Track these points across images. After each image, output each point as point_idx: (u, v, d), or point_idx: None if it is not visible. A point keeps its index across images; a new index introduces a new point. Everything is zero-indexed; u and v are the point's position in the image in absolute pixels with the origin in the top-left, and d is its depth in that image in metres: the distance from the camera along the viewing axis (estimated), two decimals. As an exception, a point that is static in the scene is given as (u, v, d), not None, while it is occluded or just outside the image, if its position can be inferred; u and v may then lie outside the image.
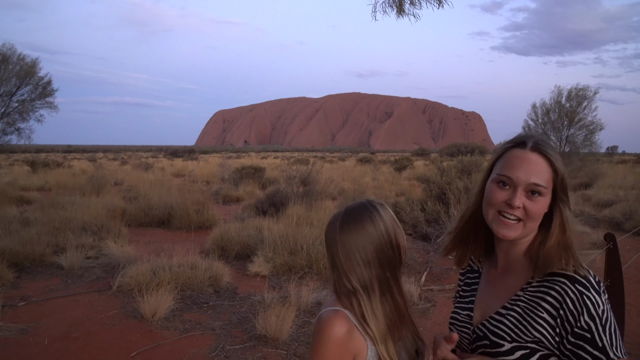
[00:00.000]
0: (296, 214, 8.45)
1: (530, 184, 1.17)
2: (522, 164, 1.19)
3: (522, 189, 1.18)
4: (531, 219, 1.18)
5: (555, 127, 20.99)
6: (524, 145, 1.22)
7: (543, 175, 1.18)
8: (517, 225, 1.18)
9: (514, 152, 1.23)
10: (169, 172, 26.83)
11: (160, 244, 8.36)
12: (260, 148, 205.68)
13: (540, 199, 1.18)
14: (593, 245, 8.00)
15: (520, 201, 1.17)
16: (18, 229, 8.25)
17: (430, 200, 9.82)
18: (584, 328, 1.08)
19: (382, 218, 1.33)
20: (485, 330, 1.22)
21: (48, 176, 21.97)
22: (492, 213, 1.22)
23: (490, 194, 1.22)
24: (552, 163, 1.20)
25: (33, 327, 4.77)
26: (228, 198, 16.13)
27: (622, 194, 14.95)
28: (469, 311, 1.32)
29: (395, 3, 4.98)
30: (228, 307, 5.49)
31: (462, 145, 36.44)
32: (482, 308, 1.29)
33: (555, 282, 1.13)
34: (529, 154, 1.20)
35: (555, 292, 1.12)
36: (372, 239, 1.30)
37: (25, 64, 15.18)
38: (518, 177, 1.18)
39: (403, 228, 1.41)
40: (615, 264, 4.25)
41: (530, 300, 1.16)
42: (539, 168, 1.18)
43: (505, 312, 1.20)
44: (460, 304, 1.38)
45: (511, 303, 1.20)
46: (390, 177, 23.95)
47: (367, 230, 1.30)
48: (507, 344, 1.16)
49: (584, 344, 1.08)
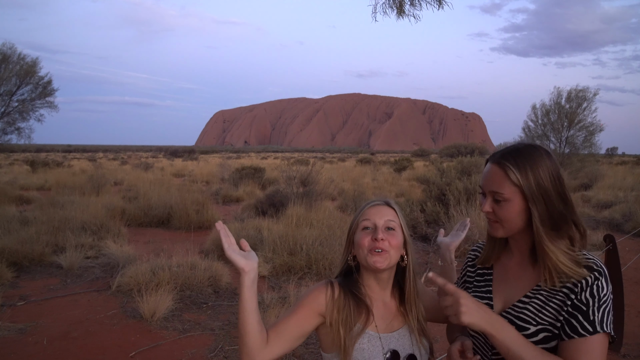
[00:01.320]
0: (296, 214, 8.45)
1: (491, 192, 1.35)
2: (486, 176, 1.37)
3: (489, 197, 1.36)
4: (504, 220, 1.34)
5: (555, 128, 21.01)
6: (490, 159, 1.40)
7: (501, 184, 1.32)
8: (496, 226, 1.36)
9: (485, 167, 1.42)
10: (168, 172, 26.82)
11: (160, 244, 8.36)
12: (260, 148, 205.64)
13: (504, 204, 1.32)
14: (593, 247, 8.00)
15: (489, 206, 1.35)
16: (17, 228, 8.24)
17: (430, 201, 9.82)
18: (582, 302, 1.23)
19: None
20: (510, 316, 1.33)
21: (48, 176, 21.97)
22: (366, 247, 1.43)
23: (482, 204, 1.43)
24: (507, 174, 1.32)
25: (32, 327, 4.76)
26: (228, 198, 16.12)
27: (621, 195, 14.95)
28: (488, 300, 1.42)
29: (395, 4, 4.98)
30: (227, 308, 5.48)
31: (462, 146, 36.47)
32: (504, 297, 1.40)
33: (575, 271, 1.27)
34: (490, 167, 1.37)
35: (574, 279, 1.26)
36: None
37: (25, 63, 15.19)
38: (485, 187, 1.37)
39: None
40: (615, 265, 4.25)
41: (552, 288, 1.29)
42: (496, 178, 1.34)
43: (528, 300, 1.32)
44: (477, 293, 1.47)
45: (533, 293, 1.33)
46: (390, 178, 23.94)
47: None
48: (533, 327, 1.28)
49: (577, 314, 1.23)
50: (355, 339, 1.39)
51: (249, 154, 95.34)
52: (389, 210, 1.47)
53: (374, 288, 1.48)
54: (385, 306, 1.49)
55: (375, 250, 1.40)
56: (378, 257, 1.40)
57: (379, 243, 1.39)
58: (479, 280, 1.51)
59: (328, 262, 6.73)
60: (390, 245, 1.41)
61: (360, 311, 1.42)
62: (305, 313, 1.42)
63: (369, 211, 1.47)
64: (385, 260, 1.40)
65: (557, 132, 20.97)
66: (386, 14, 5.04)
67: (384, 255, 1.40)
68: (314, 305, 1.42)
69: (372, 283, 1.48)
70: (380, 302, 1.48)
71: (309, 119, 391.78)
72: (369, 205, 1.48)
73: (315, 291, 1.45)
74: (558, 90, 21.21)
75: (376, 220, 1.44)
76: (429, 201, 9.84)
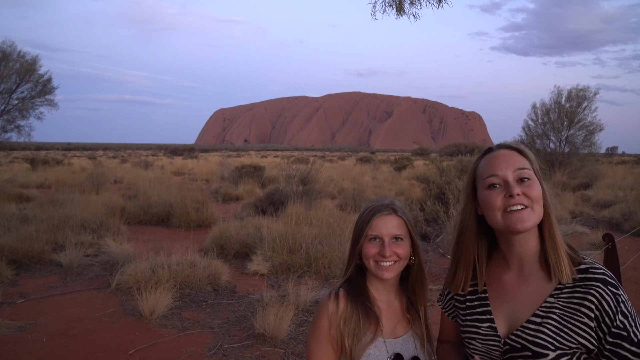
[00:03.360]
0: (295, 213, 8.45)
1: (515, 170, 1.25)
2: (498, 160, 1.28)
3: (512, 179, 1.24)
4: (534, 201, 1.22)
5: (555, 128, 20.99)
6: (491, 149, 1.33)
7: (522, 161, 1.27)
8: (527, 212, 1.21)
9: (486, 156, 1.33)
10: (168, 171, 26.83)
11: (159, 242, 8.36)
12: (260, 147, 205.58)
13: (530, 182, 1.24)
14: (592, 246, 8.01)
15: (517, 189, 1.22)
16: (17, 226, 8.25)
17: (430, 200, 9.82)
18: (619, 327, 1.14)
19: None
20: (522, 341, 1.22)
21: (47, 174, 21.98)
22: (500, 215, 1.25)
23: (488, 200, 1.26)
24: (521, 151, 1.29)
25: (32, 325, 4.77)
26: (227, 197, 16.13)
27: (621, 194, 14.95)
28: (490, 322, 1.30)
29: (394, 2, 4.97)
30: (226, 306, 5.49)
31: (462, 145, 36.50)
32: (507, 318, 1.28)
33: (590, 286, 1.17)
34: (499, 152, 1.30)
35: (592, 297, 1.16)
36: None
37: (25, 61, 15.19)
38: (503, 170, 1.26)
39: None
40: (614, 265, 4.25)
41: (566, 306, 1.19)
42: (514, 158, 1.27)
43: (541, 320, 1.21)
44: (474, 316, 1.34)
45: (544, 311, 1.21)
46: (390, 177, 23.95)
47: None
48: (552, 353, 1.17)
49: (621, 342, 1.14)
50: (364, 349, 1.39)
51: (248, 152, 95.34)
52: (396, 221, 1.44)
53: (380, 290, 1.49)
54: (389, 307, 1.49)
55: (383, 263, 1.40)
56: (385, 270, 1.41)
57: (387, 259, 1.39)
58: (472, 300, 1.37)
59: (327, 260, 6.73)
60: (398, 257, 1.41)
61: (369, 321, 1.42)
62: (325, 351, 1.42)
63: (376, 223, 1.43)
64: (392, 272, 1.41)
65: (557, 132, 20.95)
66: (386, 12, 5.03)
67: (392, 267, 1.41)
68: (325, 342, 1.42)
69: (379, 286, 1.49)
70: (385, 304, 1.48)
71: (309, 118, 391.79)
72: (377, 216, 1.43)
73: (318, 324, 1.44)
74: (558, 90, 21.20)
75: (383, 233, 1.42)
76: (429, 200, 9.84)
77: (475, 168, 1.35)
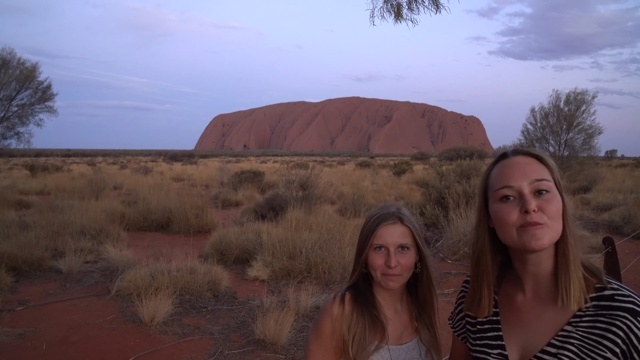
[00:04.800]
0: (295, 218, 8.45)
1: (533, 182, 1.10)
2: (513, 170, 1.13)
3: (528, 191, 1.10)
4: (552, 217, 1.08)
5: (554, 131, 21.01)
6: (506, 155, 1.17)
7: (540, 171, 1.12)
8: (543, 229, 1.07)
9: (499, 164, 1.17)
10: (168, 176, 26.81)
11: (159, 248, 8.35)
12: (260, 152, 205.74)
13: (549, 196, 1.09)
14: (592, 249, 7.99)
15: (534, 203, 1.07)
16: (17, 232, 8.24)
17: (429, 205, 9.83)
18: None
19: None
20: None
21: (47, 180, 21.97)
22: (514, 232, 1.10)
23: (502, 215, 1.12)
24: (540, 158, 1.14)
25: (31, 332, 4.76)
26: (227, 202, 16.12)
27: (621, 197, 14.97)
28: (501, 349, 1.17)
29: (393, 8, 5.00)
30: (227, 312, 5.47)
31: (461, 149, 36.55)
32: (520, 345, 1.15)
33: (615, 317, 1.03)
34: (514, 159, 1.15)
35: (617, 329, 1.02)
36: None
37: (25, 68, 15.22)
38: (518, 181, 1.11)
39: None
40: (614, 268, 4.24)
41: (586, 337, 1.05)
42: (531, 166, 1.12)
43: (556, 351, 1.07)
44: (484, 340, 1.22)
45: (561, 340, 1.08)
46: (390, 181, 23.95)
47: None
48: None
49: None
50: (368, 357, 1.38)
51: (248, 157, 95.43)
52: (402, 229, 1.43)
53: (386, 298, 1.48)
54: (396, 314, 1.48)
55: (388, 274, 1.40)
56: (390, 280, 1.40)
57: (392, 270, 1.39)
58: (483, 323, 1.24)
59: (327, 265, 6.72)
60: (402, 268, 1.40)
61: (375, 330, 1.41)
62: (323, 353, 1.43)
63: (382, 232, 1.42)
64: (397, 282, 1.41)
65: (556, 135, 20.97)
66: (384, 18, 5.06)
67: (397, 278, 1.41)
68: (325, 344, 1.43)
69: (385, 294, 1.48)
70: (392, 311, 1.48)
71: (308, 123, 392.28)
72: (382, 225, 1.42)
73: (321, 325, 1.45)
74: (557, 93, 21.22)
75: (389, 242, 1.41)
76: (428, 204, 9.85)
77: (487, 177, 1.20)
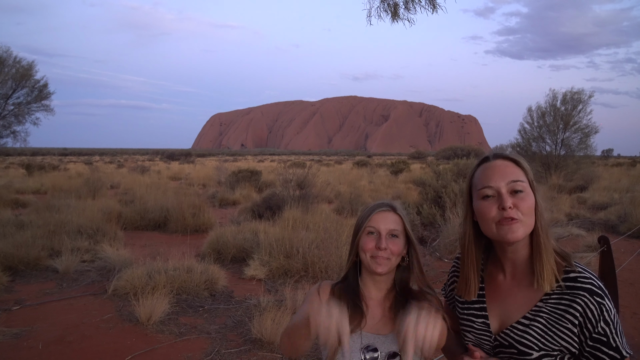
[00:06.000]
0: (292, 217, 8.45)
1: (509, 183, 1.30)
2: (493, 172, 1.33)
3: (505, 191, 1.30)
4: (525, 214, 1.29)
5: (550, 130, 21.08)
6: (488, 158, 1.38)
7: (516, 173, 1.32)
8: (516, 225, 1.28)
9: (482, 166, 1.38)
10: (165, 175, 26.77)
11: (156, 247, 8.34)
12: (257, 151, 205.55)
13: (523, 195, 1.30)
14: (587, 248, 8.03)
15: (510, 201, 1.28)
16: (13, 232, 8.21)
17: (426, 204, 9.85)
18: (600, 333, 1.23)
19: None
20: (510, 339, 1.32)
21: (44, 179, 21.89)
22: (493, 226, 1.31)
23: (483, 211, 1.33)
24: (516, 162, 1.34)
25: (27, 331, 4.74)
26: (224, 201, 16.10)
27: (617, 196, 15.02)
28: (484, 319, 1.40)
29: (389, 8, 5.00)
30: (224, 311, 5.48)
31: (458, 148, 36.64)
32: (500, 317, 1.38)
33: (576, 295, 1.25)
34: (494, 162, 1.35)
35: (577, 305, 1.24)
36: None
37: (21, 66, 15.17)
38: (497, 182, 1.31)
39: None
40: (609, 267, 4.26)
41: (553, 311, 1.27)
42: (508, 169, 1.32)
43: (528, 322, 1.30)
44: (471, 311, 1.45)
45: (532, 314, 1.30)
46: (387, 181, 23.97)
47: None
48: (535, 353, 1.27)
49: (600, 346, 1.23)
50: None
51: (245, 157, 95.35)
52: (394, 217, 1.52)
53: (370, 287, 1.55)
54: (378, 304, 1.54)
55: (378, 256, 1.48)
56: (378, 264, 1.48)
57: (382, 252, 1.47)
58: (468, 301, 1.48)
59: (324, 265, 6.73)
60: (391, 253, 1.48)
61: (354, 317, 1.47)
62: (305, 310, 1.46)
63: (375, 217, 1.52)
64: (385, 266, 1.48)
65: (552, 134, 21.04)
66: (381, 17, 5.07)
67: (385, 261, 1.48)
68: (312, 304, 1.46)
69: (369, 283, 1.55)
70: (374, 301, 1.54)
71: (305, 122, 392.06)
72: (376, 212, 1.52)
73: (311, 296, 1.53)
74: (553, 93, 21.31)
75: (380, 227, 1.50)
76: (425, 203, 9.86)
77: (471, 177, 1.41)
